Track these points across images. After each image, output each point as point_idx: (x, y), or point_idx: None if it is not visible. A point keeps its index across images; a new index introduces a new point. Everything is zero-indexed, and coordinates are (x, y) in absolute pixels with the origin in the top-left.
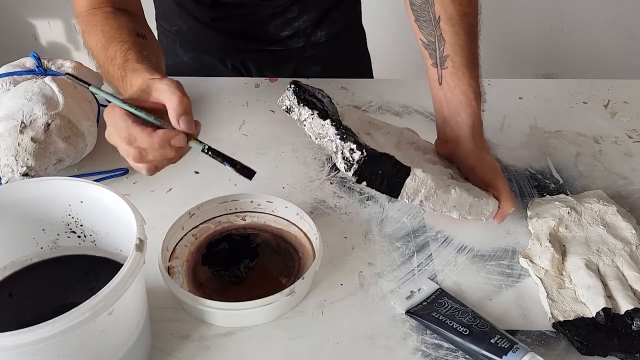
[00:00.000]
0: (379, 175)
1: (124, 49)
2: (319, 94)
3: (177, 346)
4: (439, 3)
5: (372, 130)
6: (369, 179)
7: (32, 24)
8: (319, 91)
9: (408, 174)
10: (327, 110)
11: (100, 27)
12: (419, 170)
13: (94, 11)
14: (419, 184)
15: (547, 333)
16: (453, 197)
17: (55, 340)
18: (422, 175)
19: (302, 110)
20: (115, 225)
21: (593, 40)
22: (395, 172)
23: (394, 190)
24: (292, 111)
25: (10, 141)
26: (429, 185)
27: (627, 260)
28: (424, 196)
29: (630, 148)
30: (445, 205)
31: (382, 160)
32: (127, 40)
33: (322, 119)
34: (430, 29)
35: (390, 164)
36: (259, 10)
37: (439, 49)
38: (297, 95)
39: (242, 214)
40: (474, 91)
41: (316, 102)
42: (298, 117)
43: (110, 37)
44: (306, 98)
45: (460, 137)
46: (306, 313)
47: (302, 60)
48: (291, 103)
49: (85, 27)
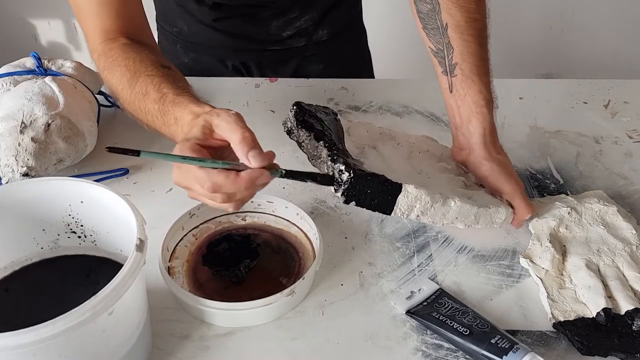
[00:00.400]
0: (368, 194)
1: (156, 82)
2: (321, 113)
3: (177, 346)
4: (446, 10)
5: (379, 143)
6: (357, 199)
7: (32, 24)
8: (324, 109)
9: (399, 191)
10: (324, 131)
11: (122, 62)
12: (411, 187)
13: (109, 44)
14: (412, 199)
15: (548, 333)
16: (453, 209)
17: (56, 341)
18: (414, 191)
19: (300, 132)
20: (115, 225)
21: (593, 40)
22: (386, 190)
23: (386, 208)
24: (292, 133)
25: (11, 141)
26: (423, 200)
27: (627, 261)
28: (419, 211)
29: (630, 148)
30: (445, 217)
31: (370, 180)
32: (155, 73)
33: (316, 140)
34: (438, 36)
35: (378, 183)
36: (260, 11)
37: (448, 57)
38: (297, 117)
39: (243, 214)
40: (484, 98)
41: (314, 124)
42: (297, 139)
43: (136, 72)
44: (305, 120)
45: (472, 144)
46: (306, 313)
47: (303, 59)
48: (292, 125)
49: (104, 64)
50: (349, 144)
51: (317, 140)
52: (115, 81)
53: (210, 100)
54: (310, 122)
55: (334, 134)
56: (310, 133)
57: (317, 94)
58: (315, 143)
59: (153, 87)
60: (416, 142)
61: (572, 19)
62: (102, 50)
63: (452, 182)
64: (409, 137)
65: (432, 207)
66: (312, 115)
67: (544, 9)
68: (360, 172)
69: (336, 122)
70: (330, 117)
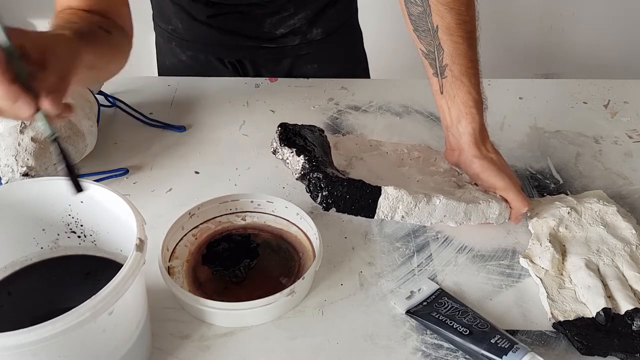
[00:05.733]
0: (348, 200)
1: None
2: (305, 131)
3: (177, 346)
4: (437, 12)
5: (366, 155)
6: (337, 205)
7: (32, 24)
8: (309, 127)
9: (379, 194)
10: (307, 146)
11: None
12: (391, 188)
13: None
14: (393, 201)
15: (547, 333)
16: (439, 207)
17: (56, 340)
18: (394, 193)
19: (283, 150)
20: (115, 225)
21: (593, 40)
22: (365, 194)
23: (368, 211)
24: (277, 152)
25: (11, 141)
26: (405, 201)
27: (627, 260)
28: (403, 212)
29: (630, 148)
30: (433, 216)
31: (347, 185)
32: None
33: (297, 155)
34: (429, 38)
35: (355, 188)
36: (254, 9)
37: (439, 59)
38: (281, 137)
39: (242, 214)
40: (473, 99)
41: (297, 140)
42: (282, 157)
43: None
44: (289, 137)
45: (461, 144)
46: (306, 313)
47: (298, 58)
48: (276, 145)
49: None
50: (337, 158)
51: (299, 155)
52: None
53: (211, 100)
54: (294, 139)
55: (318, 148)
56: (292, 149)
57: (317, 94)
58: (297, 158)
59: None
60: (407, 150)
61: (572, 19)
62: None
63: (442, 183)
64: (400, 146)
65: (416, 207)
66: (296, 133)
67: (544, 9)
68: (337, 178)
69: (322, 138)
70: (316, 134)
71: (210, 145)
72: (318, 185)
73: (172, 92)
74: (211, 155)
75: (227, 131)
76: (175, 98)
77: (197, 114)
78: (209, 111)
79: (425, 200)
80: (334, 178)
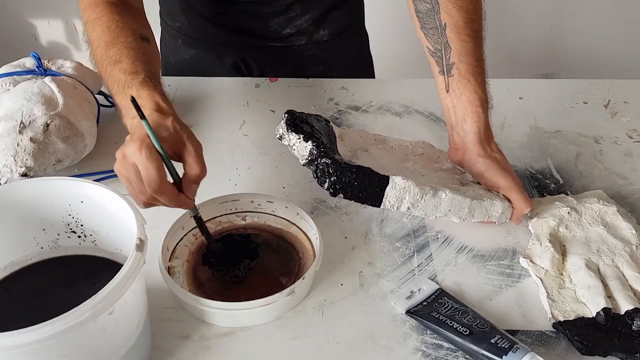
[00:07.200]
0: (355, 187)
1: (131, 56)
2: (312, 119)
3: (178, 346)
4: (445, 10)
5: (371, 147)
6: (344, 191)
7: (32, 24)
8: (315, 116)
9: (387, 183)
10: (314, 133)
11: (105, 22)
12: (399, 178)
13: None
14: (401, 191)
15: (547, 333)
16: (445, 200)
17: (56, 340)
18: (402, 183)
19: (290, 136)
20: (115, 225)
21: (593, 40)
22: (373, 182)
23: (375, 200)
24: (283, 138)
25: (9, 141)
26: (412, 192)
27: (627, 261)
28: (409, 203)
29: (630, 148)
30: (438, 210)
31: (356, 172)
32: (133, 46)
33: (305, 141)
34: (436, 36)
35: (364, 175)
36: (261, 7)
37: (445, 57)
38: (288, 123)
39: (243, 214)
40: (479, 98)
41: (304, 127)
42: (288, 143)
43: (116, 37)
44: (296, 124)
45: (466, 143)
46: (306, 313)
47: (303, 59)
48: (283, 131)
49: (88, 17)
50: (342, 149)
51: (306, 141)
52: (94, 37)
53: (211, 100)
54: (301, 125)
55: (324, 137)
56: (299, 135)
57: (317, 93)
58: (304, 144)
59: (127, 59)
60: (411, 147)
61: (572, 19)
62: (88, 4)
63: (446, 179)
64: (404, 142)
65: (423, 199)
66: (303, 120)
67: (544, 9)
68: (346, 164)
69: (328, 128)
70: (322, 123)
71: (210, 145)
72: (326, 171)
73: (172, 92)
74: (211, 155)
75: (227, 131)
76: (176, 98)
77: (197, 114)
78: (209, 111)
79: (432, 192)
80: (343, 164)
